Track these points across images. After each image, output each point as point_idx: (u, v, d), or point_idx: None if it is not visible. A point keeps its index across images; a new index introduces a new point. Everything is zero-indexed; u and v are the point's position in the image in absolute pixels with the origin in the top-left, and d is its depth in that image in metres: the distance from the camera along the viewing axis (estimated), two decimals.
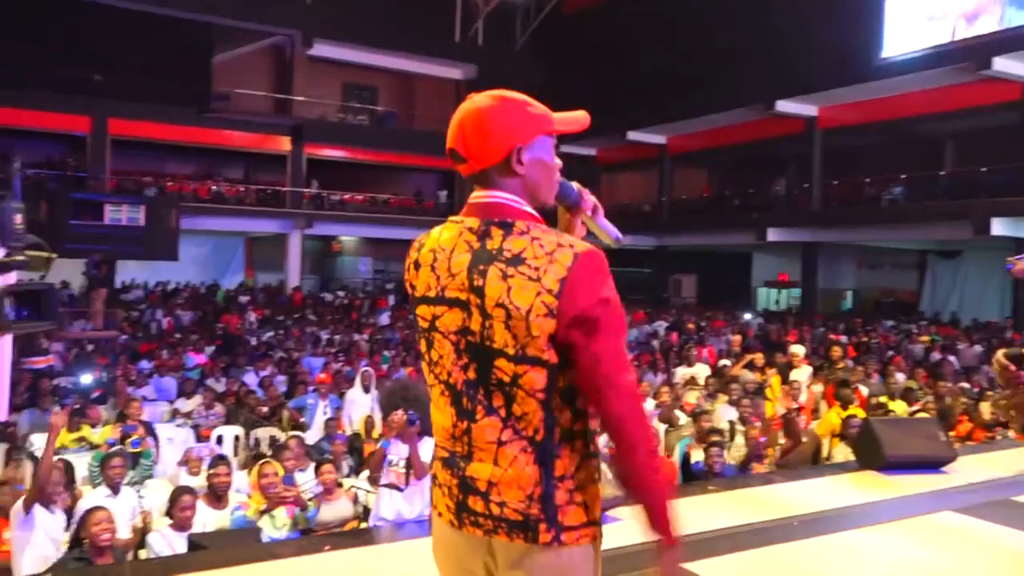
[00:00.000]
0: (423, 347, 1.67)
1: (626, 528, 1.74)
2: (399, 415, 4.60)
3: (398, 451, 4.66)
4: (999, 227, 16.92)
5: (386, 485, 4.64)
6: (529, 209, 1.64)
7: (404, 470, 4.65)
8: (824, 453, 6.95)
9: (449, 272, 1.60)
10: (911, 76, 18.41)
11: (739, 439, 6.80)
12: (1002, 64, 16.85)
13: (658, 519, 1.58)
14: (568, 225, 1.85)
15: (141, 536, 5.37)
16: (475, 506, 1.59)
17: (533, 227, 1.58)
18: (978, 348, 14.90)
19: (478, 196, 1.65)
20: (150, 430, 7.48)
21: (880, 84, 19.06)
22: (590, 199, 1.86)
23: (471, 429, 1.59)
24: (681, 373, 10.07)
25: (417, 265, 1.68)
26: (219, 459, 5.88)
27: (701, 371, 9.93)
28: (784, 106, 21.09)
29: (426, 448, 4.65)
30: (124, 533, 5.32)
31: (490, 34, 27.93)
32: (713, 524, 4.24)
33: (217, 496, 5.26)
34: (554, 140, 1.71)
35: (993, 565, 3.86)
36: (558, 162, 1.72)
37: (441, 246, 1.65)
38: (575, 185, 1.84)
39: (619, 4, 25.17)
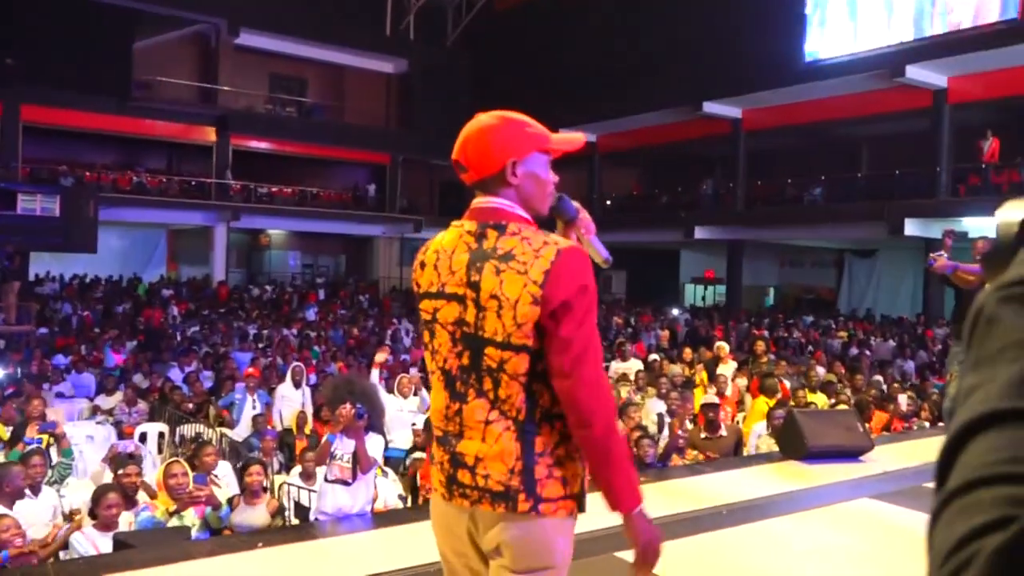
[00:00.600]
0: (426, 337, 1.90)
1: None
2: (347, 408, 4.55)
3: (344, 446, 4.63)
4: (911, 227, 17.70)
5: (333, 481, 4.61)
6: (522, 213, 1.85)
7: (350, 464, 4.61)
8: (750, 444, 7.18)
9: (450, 270, 1.82)
10: (830, 82, 19.09)
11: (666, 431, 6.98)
12: (914, 72, 17.62)
13: (622, 492, 1.77)
14: (564, 237, 2.00)
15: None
16: (463, 479, 1.79)
17: (524, 228, 1.80)
18: (891, 343, 15.58)
19: (477, 202, 1.88)
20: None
21: (801, 88, 19.69)
22: (586, 218, 2.04)
23: (462, 410, 1.80)
24: (614, 368, 10.25)
25: (423, 265, 1.90)
26: (128, 457, 5.74)
27: (633, 366, 10.12)
28: (711, 108, 21.60)
29: (372, 443, 4.68)
30: (42, 533, 5.17)
31: (421, 29, 27.78)
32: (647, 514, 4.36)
33: (127, 496, 5.05)
34: (549, 157, 1.91)
35: (906, 549, 4.06)
36: (553, 177, 1.92)
37: (443, 248, 1.87)
38: (575, 204, 2.02)
39: (550, 2, 25.34)
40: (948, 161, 18.15)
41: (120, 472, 5.20)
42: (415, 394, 8.36)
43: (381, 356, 7.89)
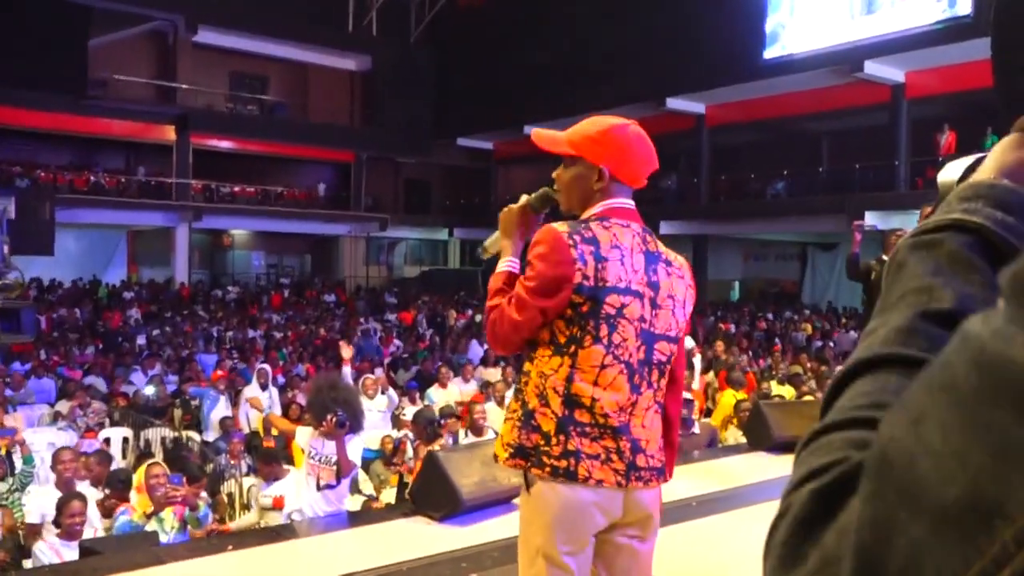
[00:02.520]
0: (602, 331, 1.92)
1: None
2: (331, 419, 4.65)
3: (325, 448, 4.72)
4: (872, 220, 17.97)
5: (325, 487, 4.70)
6: None
7: (334, 468, 4.71)
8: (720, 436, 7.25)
9: (633, 268, 1.96)
10: (791, 77, 19.30)
11: None
12: (872, 67, 17.90)
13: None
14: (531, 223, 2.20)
15: (17, 548, 5.10)
16: (641, 462, 1.95)
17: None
18: (853, 334, 15.83)
19: (629, 203, 2.08)
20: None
21: (762, 84, 19.91)
22: None
23: (638, 401, 1.97)
24: None
25: (603, 259, 1.93)
26: (144, 458, 5.85)
27: None
28: (674, 103, 21.75)
29: (352, 446, 4.80)
30: None
31: (384, 25, 27.56)
32: None
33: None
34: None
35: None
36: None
37: (624, 245, 1.98)
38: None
39: (512, 0, 25.28)
40: (907, 155, 18.48)
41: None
42: (382, 393, 8.34)
43: (347, 352, 7.81)
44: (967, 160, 0.75)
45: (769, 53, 19.73)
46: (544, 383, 1.93)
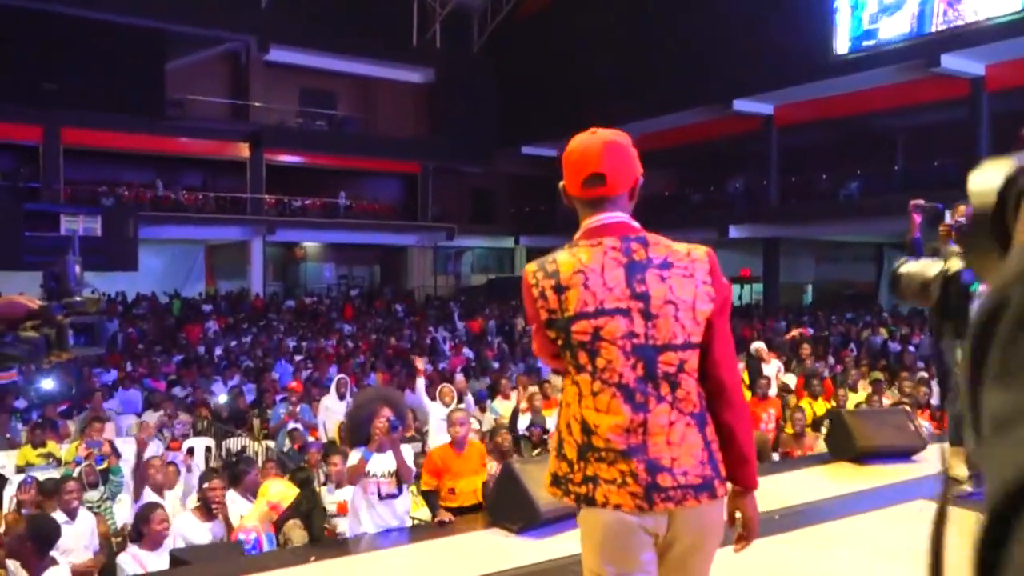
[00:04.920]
0: (582, 359, 1.89)
1: None
2: (383, 422, 4.50)
3: (378, 462, 4.55)
4: (950, 219, 17.35)
5: (385, 497, 4.56)
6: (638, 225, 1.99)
7: (393, 478, 4.58)
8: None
9: (605, 287, 1.87)
10: (863, 74, 18.81)
11: None
12: (950, 61, 17.31)
13: (755, 468, 2.03)
14: None
15: (109, 558, 5.25)
16: (664, 482, 1.85)
17: (658, 238, 1.98)
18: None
19: (606, 218, 1.95)
20: (112, 446, 7.39)
21: (833, 82, 19.44)
22: None
23: (647, 420, 1.86)
24: None
25: (563, 288, 1.88)
26: (212, 472, 5.81)
27: None
28: (741, 105, 21.41)
29: (405, 453, 4.67)
30: (83, 557, 5.24)
31: (447, 38, 27.90)
32: None
33: (209, 509, 5.13)
34: None
35: (968, 550, 3.99)
36: None
37: (588, 266, 1.90)
38: None
39: (574, 6, 25.28)
40: (988, 150, 17.79)
41: (205, 486, 5.23)
42: (459, 401, 8.41)
43: (420, 364, 7.91)
44: (1004, 165, 0.65)
45: (840, 49, 19.28)
46: (568, 412, 1.95)
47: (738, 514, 2.02)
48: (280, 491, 5.21)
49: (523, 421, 8.16)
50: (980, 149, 17.74)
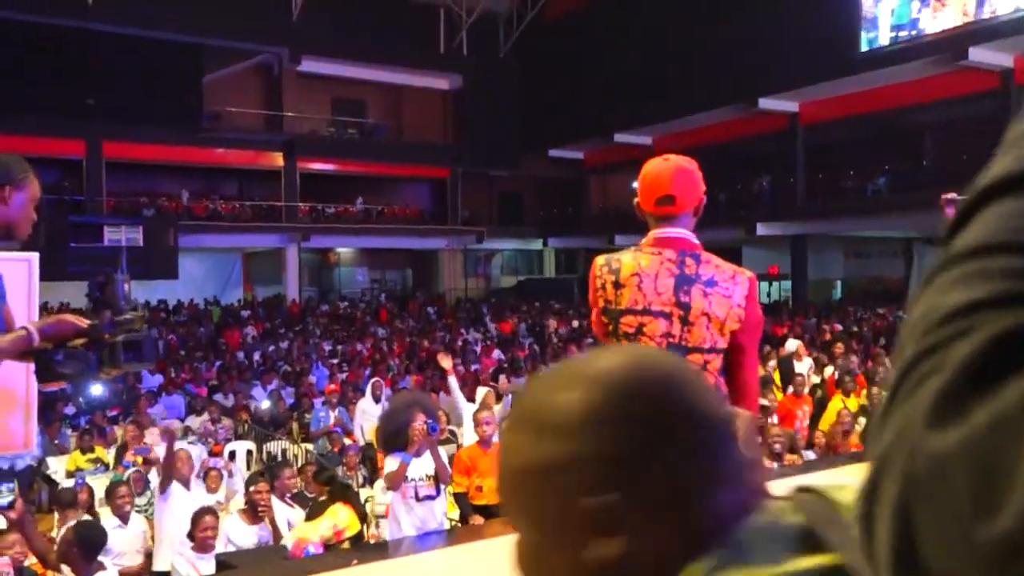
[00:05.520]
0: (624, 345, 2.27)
1: None
2: (420, 425, 4.54)
3: (416, 467, 4.57)
4: None
5: (424, 498, 4.56)
6: (698, 242, 2.30)
7: (433, 480, 4.61)
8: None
9: (656, 291, 2.21)
10: (889, 69, 18.76)
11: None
12: (978, 54, 17.23)
13: None
14: None
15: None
16: None
17: (712, 257, 2.29)
18: None
19: (666, 232, 2.27)
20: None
21: (859, 78, 19.41)
22: None
23: None
24: None
25: (620, 285, 2.24)
26: (259, 475, 5.90)
27: None
28: (766, 103, 21.44)
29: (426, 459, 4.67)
30: (135, 560, 5.46)
31: (474, 44, 28.21)
32: None
33: (256, 512, 5.25)
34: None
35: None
36: None
37: (644, 271, 2.24)
38: None
39: (599, 9, 25.47)
40: None
41: (252, 489, 5.36)
42: (497, 402, 8.52)
43: (447, 363, 7.89)
44: None
45: (865, 46, 19.25)
46: None
47: None
48: (348, 520, 5.23)
49: None
50: None
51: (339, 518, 5.17)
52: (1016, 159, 0.40)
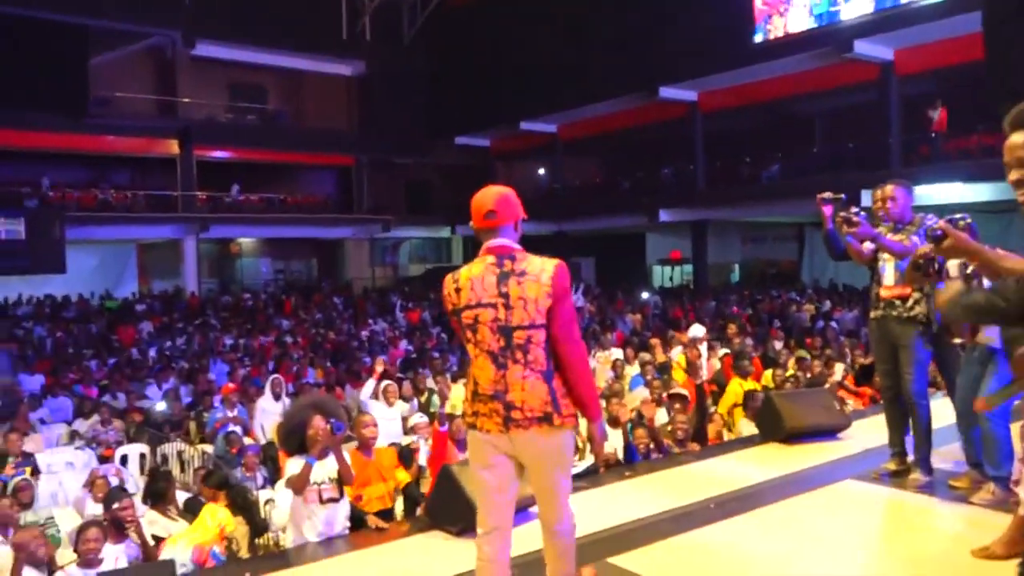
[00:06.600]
0: (468, 335, 2.85)
1: None
2: (323, 426, 4.39)
3: (319, 470, 4.42)
4: (868, 199, 18.12)
5: (327, 501, 4.41)
6: (519, 247, 2.91)
7: (336, 482, 4.46)
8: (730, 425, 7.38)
9: (483, 288, 2.82)
10: (781, 60, 19.45)
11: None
12: (862, 47, 18.05)
13: (594, 406, 2.91)
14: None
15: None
16: (516, 416, 2.80)
17: (526, 255, 2.87)
18: (855, 312, 15.97)
19: (493, 243, 2.88)
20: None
21: (753, 69, 20.06)
22: None
23: (506, 375, 2.80)
24: (601, 356, 10.35)
25: (459, 289, 2.86)
26: (122, 490, 5.46)
27: (617, 354, 10.24)
28: (667, 92, 21.93)
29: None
30: None
31: (377, 29, 27.80)
32: (636, 513, 4.42)
33: (120, 530, 4.87)
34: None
35: (894, 528, 4.24)
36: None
37: (474, 276, 2.84)
38: None
39: None
40: (899, 132, 18.66)
41: (117, 505, 4.95)
42: (406, 401, 8.30)
43: (380, 367, 7.64)
44: None
45: (759, 37, 19.89)
46: (470, 370, 2.93)
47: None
48: (225, 518, 5.12)
49: None
50: (891, 130, 18.60)
51: (220, 517, 5.04)
52: None
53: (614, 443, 6.02)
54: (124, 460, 7.81)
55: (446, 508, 4.33)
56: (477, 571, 2.96)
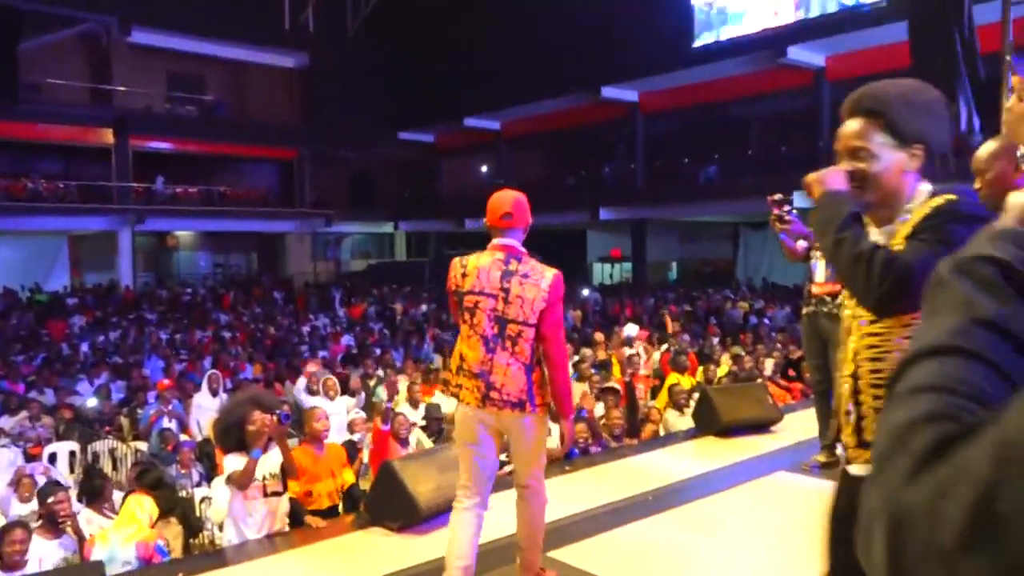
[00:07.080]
0: (466, 316, 3.22)
1: None
2: (269, 418, 4.32)
3: (267, 464, 4.37)
4: (800, 200, 18.68)
5: (271, 495, 4.36)
6: (524, 251, 3.29)
7: (279, 475, 4.42)
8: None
9: (488, 279, 3.19)
10: (719, 64, 19.94)
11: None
12: (795, 53, 18.62)
13: (567, 404, 3.28)
14: None
15: None
16: (494, 396, 3.18)
17: (530, 260, 3.24)
18: (787, 310, 16.47)
19: (503, 241, 3.26)
20: None
21: (692, 71, 20.51)
22: None
23: (493, 359, 3.17)
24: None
25: (465, 275, 3.24)
26: (56, 485, 5.31)
27: None
28: (609, 92, 22.27)
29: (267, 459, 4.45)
30: None
31: (321, 21, 27.45)
32: (576, 507, 4.50)
33: (55, 525, 4.74)
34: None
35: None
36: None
37: (482, 265, 3.23)
38: None
39: None
40: (829, 136, 19.23)
41: (52, 500, 4.78)
42: (352, 395, 8.24)
43: (313, 367, 7.53)
44: None
45: (698, 41, 20.33)
46: (458, 345, 3.29)
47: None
48: (153, 507, 5.01)
49: (415, 414, 7.65)
50: (822, 134, 19.22)
51: (146, 506, 4.95)
52: (937, 334, 0.66)
53: (554, 438, 6.16)
54: (52, 458, 7.58)
55: (387, 504, 4.36)
56: (452, 519, 3.32)
